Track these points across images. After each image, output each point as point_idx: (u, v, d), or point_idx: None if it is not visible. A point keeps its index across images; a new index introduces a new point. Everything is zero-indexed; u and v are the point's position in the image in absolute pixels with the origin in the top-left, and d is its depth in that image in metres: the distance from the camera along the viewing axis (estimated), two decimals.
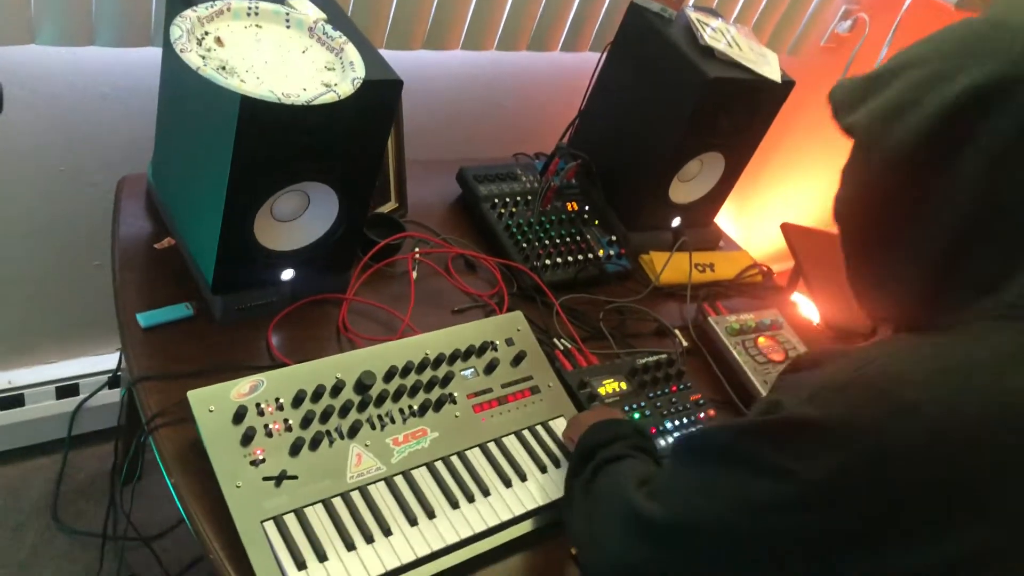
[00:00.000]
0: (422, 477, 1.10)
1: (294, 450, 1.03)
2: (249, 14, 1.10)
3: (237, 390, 1.05)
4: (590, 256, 1.61)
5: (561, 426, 1.24)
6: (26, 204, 1.56)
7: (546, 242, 1.58)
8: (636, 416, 1.32)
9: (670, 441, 1.31)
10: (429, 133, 1.93)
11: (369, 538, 1.00)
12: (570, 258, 1.58)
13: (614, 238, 1.67)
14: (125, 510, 1.51)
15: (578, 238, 1.63)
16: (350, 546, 0.99)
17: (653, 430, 1.31)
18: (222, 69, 1.01)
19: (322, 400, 1.09)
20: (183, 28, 1.02)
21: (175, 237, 1.30)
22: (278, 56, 1.08)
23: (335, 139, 1.10)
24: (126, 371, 1.23)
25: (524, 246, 1.56)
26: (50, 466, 1.88)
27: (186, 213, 1.26)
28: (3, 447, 1.84)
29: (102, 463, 1.92)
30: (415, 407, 1.15)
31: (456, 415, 1.18)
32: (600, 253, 1.63)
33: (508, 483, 1.14)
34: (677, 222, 1.76)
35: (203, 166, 1.14)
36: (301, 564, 0.95)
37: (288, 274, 1.24)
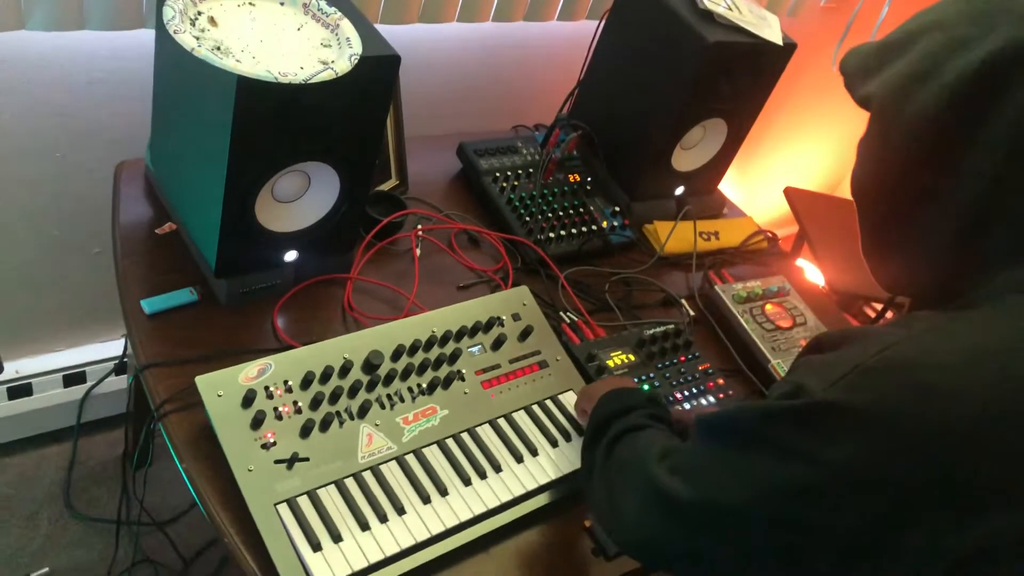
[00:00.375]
0: (433, 455, 1.10)
1: (304, 432, 1.03)
2: None
3: (245, 374, 1.04)
4: (594, 228, 1.60)
5: (571, 399, 1.24)
6: (24, 193, 1.54)
7: (549, 215, 1.57)
8: (645, 388, 1.31)
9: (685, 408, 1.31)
10: (428, 108, 1.91)
11: (383, 518, 1.00)
12: (574, 230, 1.57)
13: (617, 209, 1.66)
14: (138, 496, 1.51)
15: (581, 210, 1.62)
16: (364, 526, 0.99)
17: None
18: (217, 49, 0.99)
19: (331, 381, 1.09)
20: (176, 8, 1.00)
21: (176, 222, 1.29)
22: (273, 34, 1.06)
23: (334, 117, 1.09)
24: (132, 358, 1.23)
25: (527, 219, 1.54)
26: (61, 454, 1.89)
27: (186, 197, 1.25)
28: (13, 436, 1.85)
29: (112, 449, 1.93)
30: (424, 385, 1.15)
31: (465, 392, 1.18)
32: (604, 224, 1.62)
33: (520, 458, 1.14)
34: (680, 190, 1.74)
35: (201, 149, 1.13)
36: (316, 546, 0.95)
37: (291, 255, 1.23)
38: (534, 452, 1.15)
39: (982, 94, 0.70)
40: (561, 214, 1.59)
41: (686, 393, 1.34)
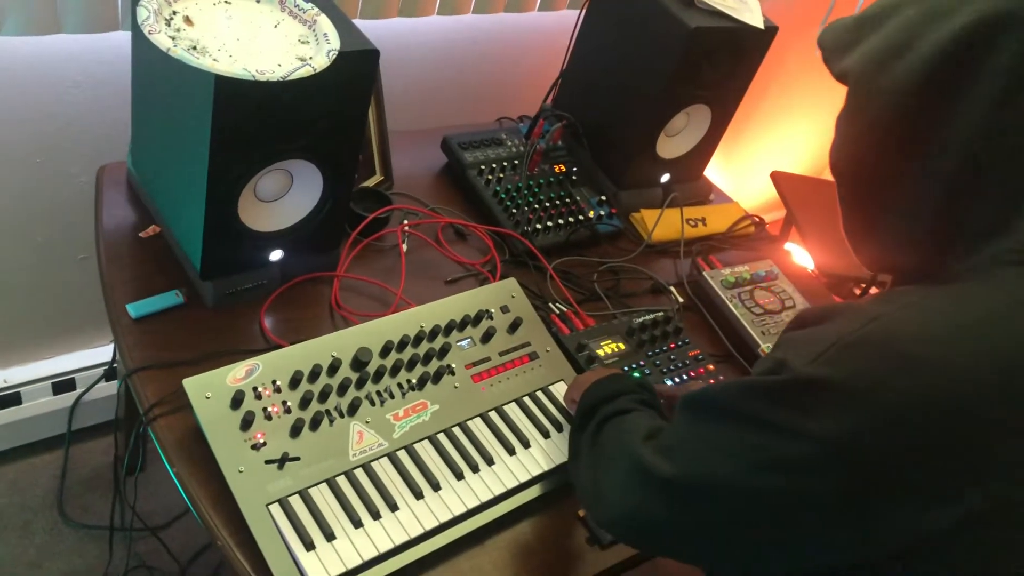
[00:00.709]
0: (425, 450, 1.09)
1: (294, 432, 1.03)
2: None
3: (233, 375, 1.04)
4: (581, 218, 1.59)
5: (561, 390, 1.23)
6: (5, 200, 1.53)
7: (535, 206, 1.57)
8: (636, 375, 1.31)
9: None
10: (410, 103, 1.91)
11: (376, 514, 1.00)
12: (561, 221, 1.57)
13: (604, 198, 1.66)
14: (131, 502, 1.51)
15: (567, 200, 1.62)
16: (357, 524, 0.98)
17: None
18: (193, 49, 0.98)
19: (319, 380, 1.08)
20: (150, 9, 0.99)
21: (160, 224, 1.28)
22: (250, 32, 1.05)
23: (314, 114, 1.08)
24: (121, 363, 1.22)
25: (514, 211, 1.54)
26: (53, 462, 1.88)
27: (169, 200, 1.24)
28: (4, 446, 1.84)
29: (105, 456, 1.92)
30: (414, 381, 1.15)
31: (455, 386, 1.17)
32: (591, 214, 1.61)
33: (512, 451, 1.13)
34: (666, 178, 1.74)
35: (182, 150, 1.12)
36: (309, 545, 0.94)
37: (277, 255, 1.22)
38: (526, 444, 1.15)
39: (959, 66, 0.69)
40: (548, 205, 1.58)
41: (677, 380, 1.34)
